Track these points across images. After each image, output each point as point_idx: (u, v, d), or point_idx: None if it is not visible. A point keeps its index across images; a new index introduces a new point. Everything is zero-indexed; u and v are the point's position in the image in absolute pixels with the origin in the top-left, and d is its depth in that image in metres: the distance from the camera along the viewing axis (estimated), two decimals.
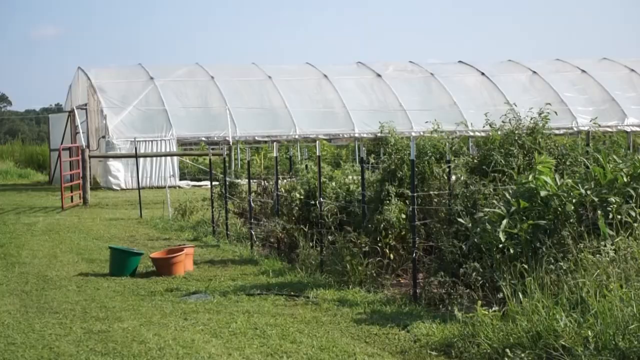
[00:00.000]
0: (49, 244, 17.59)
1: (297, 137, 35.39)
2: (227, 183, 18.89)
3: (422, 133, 17.99)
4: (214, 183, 20.09)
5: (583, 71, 40.49)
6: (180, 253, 13.82)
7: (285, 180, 16.78)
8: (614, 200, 8.93)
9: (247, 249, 15.89)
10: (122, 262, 13.76)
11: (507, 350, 7.54)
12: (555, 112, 13.70)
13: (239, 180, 19.81)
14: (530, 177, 9.70)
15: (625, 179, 9.27)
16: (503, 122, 12.90)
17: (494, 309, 8.39)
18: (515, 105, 14.92)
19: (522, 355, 7.39)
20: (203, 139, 35.05)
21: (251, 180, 17.39)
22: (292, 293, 11.60)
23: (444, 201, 12.00)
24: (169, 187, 28.07)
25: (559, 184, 9.44)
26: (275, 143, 17.88)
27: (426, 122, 14.53)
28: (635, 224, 8.60)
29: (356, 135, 35.98)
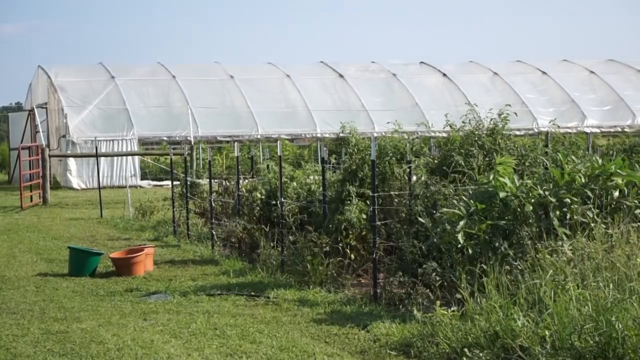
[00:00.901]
0: (7, 244, 17.43)
1: (259, 137, 35.35)
2: (189, 183, 18.83)
3: (383, 133, 18.03)
4: (175, 183, 20.01)
5: (543, 72, 40.81)
6: (140, 253, 13.75)
7: (246, 180, 16.76)
8: (570, 201, 9.00)
9: (208, 249, 15.84)
10: (81, 262, 13.66)
11: (466, 349, 7.58)
12: (516, 113, 13.78)
13: (201, 180, 19.76)
14: (491, 178, 9.75)
15: (583, 180, 9.35)
16: (463, 122, 12.96)
17: (452, 309, 8.43)
18: (477, 106, 15.01)
19: (480, 354, 7.42)
20: (165, 138, 34.91)
21: (213, 180, 17.34)
22: (252, 293, 11.58)
23: (404, 201, 12.03)
24: (130, 186, 27.93)
25: (518, 184, 9.50)
26: (236, 143, 17.84)
27: (388, 122, 14.56)
28: (592, 225, 8.67)
29: (318, 135, 35.99)
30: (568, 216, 8.89)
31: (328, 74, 39.83)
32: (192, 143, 33.32)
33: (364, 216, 12.14)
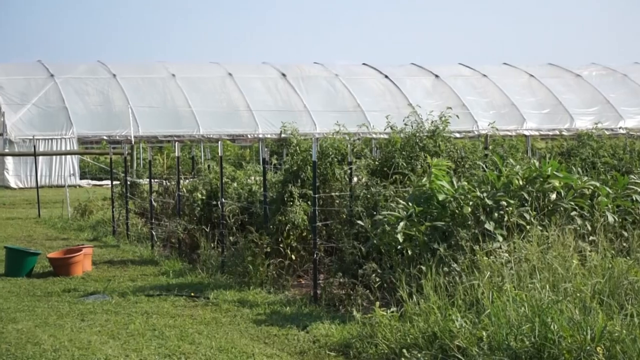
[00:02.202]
0: None
1: (200, 136, 35.18)
2: (128, 183, 18.68)
3: (325, 134, 18.10)
4: (115, 182, 19.85)
5: (484, 75, 41.22)
6: (78, 253, 13.61)
7: (187, 181, 16.67)
8: (506, 204, 9.09)
9: (148, 249, 15.73)
10: (17, 262, 13.47)
11: (404, 350, 7.62)
12: (457, 116, 13.91)
13: (141, 180, 19.60)
14: (424, 180, 9.83)
15: (520, 183, 9.46)
16: (405, 124, 13.04)
17: (392, 310, 8.46)
18: (420, 107, 15.09)
19: (419, 355, 7.47)
20: (105, 137, 34.59)
21: (153, 180, 17.23)
22: (192, 294, 11.52)
23: (345, 203, 12.07)
24: (69, 186, 27.59)
25: (456, 187, 9.58)
26: (177, 143, 17.75)
27: (327, 122, 14.61)
28: (528, 227, 8.78)
29: (260, 135, 35.93)
30: (505, 218, 8.98)
31: (271, 74, 39.80)
32: (133, 142, 33.05)
33: (305, 217, 12.15)
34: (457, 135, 29.29)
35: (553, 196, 9.37)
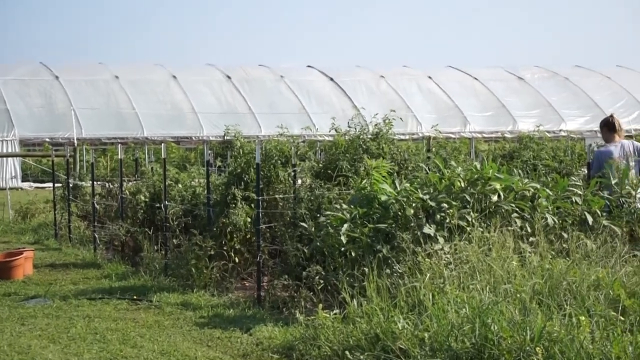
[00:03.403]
0: None
1: (144, 139, 34.95)
2: (71, 185, 18.50)
3: (270, 137, 18.09)
4: (57, 185, 19.66)
5: (429, 78, 41.50)
6: (19, 257, 13.45)
7: (130, 183, 16.56)
8: (447, 205, 9.17)
9: (91, 252, 15.59)
10: None
11: (347, 352, 7.63)
12: (401, 119, 13.99)
13: (84, 183, 19.43)
14: (364, 183, 9.88)
15: (462, 185, 9.54)
16: (349, 127, 13.09)
17: (334, 312, 8.48)
18: (364, 109, 15.16)
19: (361, 357, 7.48)
20: (47, 140, 34.19)
21: (96, 183, 17.09)
22: (134, 297, 11.44)
23: (289, 205, 12.08)
24: (10, 188, 27.24)
25: (398, 189, 9.63)
26: (120, 145, 17.62)
27: (277, 126, 14.60)
28: (470, 228, 8.85)
29: (205, 138, 35.79)
30: (447, 220, 9.05)
31: (216, 76, 39.67)
32: (76, 145, 32.71)
33: (249, 219, 12.14)
34: (402, 137, 29.39)
35: (494, 198, 9.47)
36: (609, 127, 11.38)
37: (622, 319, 6.85)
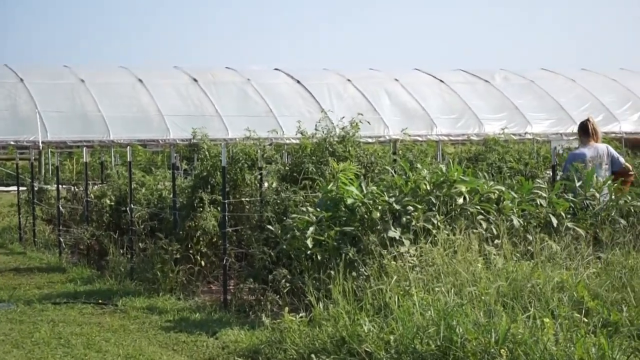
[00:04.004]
0: None
1: (110, 142, 34.72)
2: (36, 189, 18.37)
3: (237, 139, 18.06)
4: (22, 188, 19.51)
5: (396, 80, 41.56)
6: None
7: (96, 186, 16.47)
8: (413, 208, 9.19)
9: (56, 256, 15.49)
10: None
11: (313, 355, 7.62)
12: (368, 122, 14.01)
13: (49, 186, 19.29)
14: (331, 186, 9.88)
15: (427, 187, 9.57)
16: (316, 130, 13.10)
17: (301, 315, 8.47)
18: (332, 112, 15.15)
19: None
20: (12, 142, 33.82)
21: (61, 186, 16.96)
22: (100, 301, 11.38)
23: (255, 208, 12.07)
24: None
25: (365, 191, 9.64)
26: (85, 148, 17.50)
27: (245, 129, 14.56)
28: (435, 231, 8.88)
29: (172, 141, 35.60)
30: (413, 223, 9.07)
31: (182, 79, 39.48)
32: (41, 148, 32.45)
33: (216, 223, 12.11)
34: (369, 140, 29.38)
35: (460, 201, 9.50)
36: (583, 130, 11.59)
37: (586, 320, 6.91)
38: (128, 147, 14.36)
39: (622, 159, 11.45)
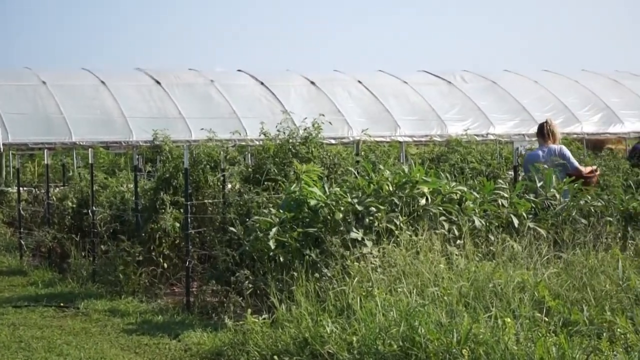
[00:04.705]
0: None
1: (73, 144, 34.45)
2: None
3: (200, 141, 18.00)
4: None
5: (359, 82, 41.60)
6: None
7: (58, 189, 16.35)
8: (375, 209, 9.21)
9: (17, 259, 15.37)
10: None
11: (276, 357, 7.61)
12: (330, 122, 14.00)
13: (9, 189, 19.13)
14: (294, 187, 9.88)
15: (390, 188, 9.59)
16: (278, 131, 13.07)
17: (263, 316, 8.46)
18: (295, 114, 15.12)
19: None
20: None
21: (22, 189, 16.83)
22: (61, 304, 11.30)
23: (218, 210, 12.04)
24: None
25: (328, 193, 9.64)
26: (47, 150, 17.37)
27: (201, 129, 14.53)
28: (398, 232, 8.90)
29: (135, 143, 35.39)
30: (376, 224, 9.08)
31: (144, 81, 39.25)
32: (1, 150, 32.12)
33: (178, 225, 12.06)
34: (332, 141, 29.47)
35: (422, 201, 9.52)
36: (539, 132, 11.90)
37: (547, 320, 6.95)
38: (90, 149, 14.26)
39: (575, 162, 11.61)
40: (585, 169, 11.71)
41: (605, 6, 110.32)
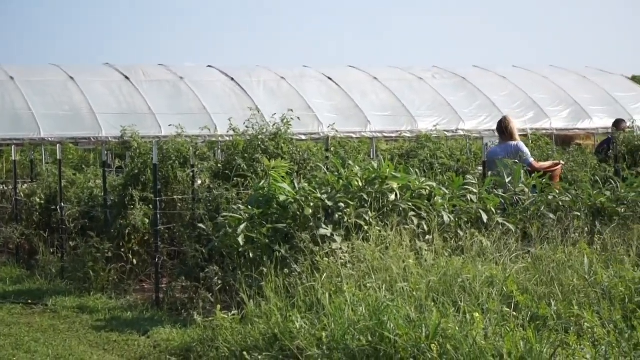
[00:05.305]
0: None
1: (41, 140, 34.20)
2: None
3: (169, 137, 17.93)
4: None
5: (329, 78, 41.59)
6: None
7: (25, 185, 16.23)
8: (344, 205, 9.21)
9: None
10: None
11: (245, 353, 7.60)
12: (298, 118, 13.98)
13: None
14: (263, 183, 9.86)
15: (360, 184, 9.59)
16: (247, 127, 13.04)
17: (233, 312, 8.44)
18: (265, 109, 15.06)
19: (259, 357, 7.46)
20: None
21: None
22: (29, 301, 11.24)
23: (188, 206, 12.01)
24: None
25: (297, 188, 9.63)
26: (14, 146, 17.24)
27: (170, 125, 14.48)
28: (367, 227, 8.91)
29: (104, 138, 35.17)
30: (345, 219, 9.09)
31: (114, 76, 39.00)
32: None
33: (147, 221, 12.02)
34: (303, 137, 29.40)
35: (392, 197, 9.54)
36: (497, 128, 12.22)
37: (515, 314, 6.98)
38: (58, 145, 14.17)
39: (530, 158, 11.84)
40: (543, 165, 11.90)
41: (574, 3, 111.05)
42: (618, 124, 15.94)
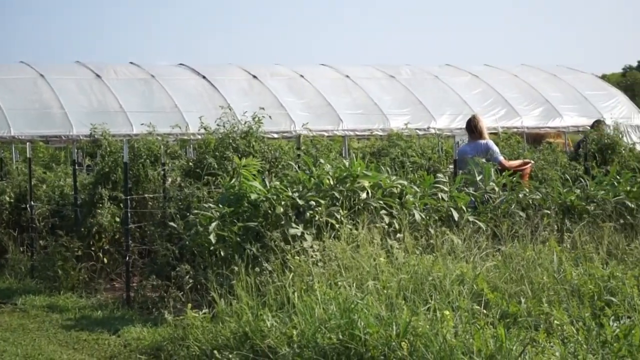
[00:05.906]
0: None
1: (11, 138, 33.95)
2: None
3: (141, 135, 17.86)
4: None
5: (301, 76, 41.55)
6: None
7: None
8: (315, 203, 9.21)
9: None
10: None
11: (216, 351, 7.58)
12: (270, 117, 13.96)
13: None
14: (233, 181, 9.85)
15: (331, 182, 9.59)
16: (218, 125, 13.01)
17: (204, 311, 8.41)
18: (236, 108, 15.03)
19: (230, 356, 7.44)
20: None
21: None
22: None
23: (159, 204, 11.97)
24: None
25: (268, 187, 9.62)
26: None
27: (142, 124, 14.43)
28: (338, 226, 8.91)
29: (75, 137, 34.99)
30: (316, 218, 9.09)
31: (85, 74, 38.79)
32: None
33: (118, 219, 11.97)
34: (275, 135, 29.39)
35: (363, 195, 9.55)
36: (467, 127, 12.27)
37: (485, 312, 7.01)
38: (28, 143, 14.07)
39: (499, 157, 11.86)
40: (513, 163, 11.96)
41: (545, 3, 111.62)
42: (597, 124, 16.02)
